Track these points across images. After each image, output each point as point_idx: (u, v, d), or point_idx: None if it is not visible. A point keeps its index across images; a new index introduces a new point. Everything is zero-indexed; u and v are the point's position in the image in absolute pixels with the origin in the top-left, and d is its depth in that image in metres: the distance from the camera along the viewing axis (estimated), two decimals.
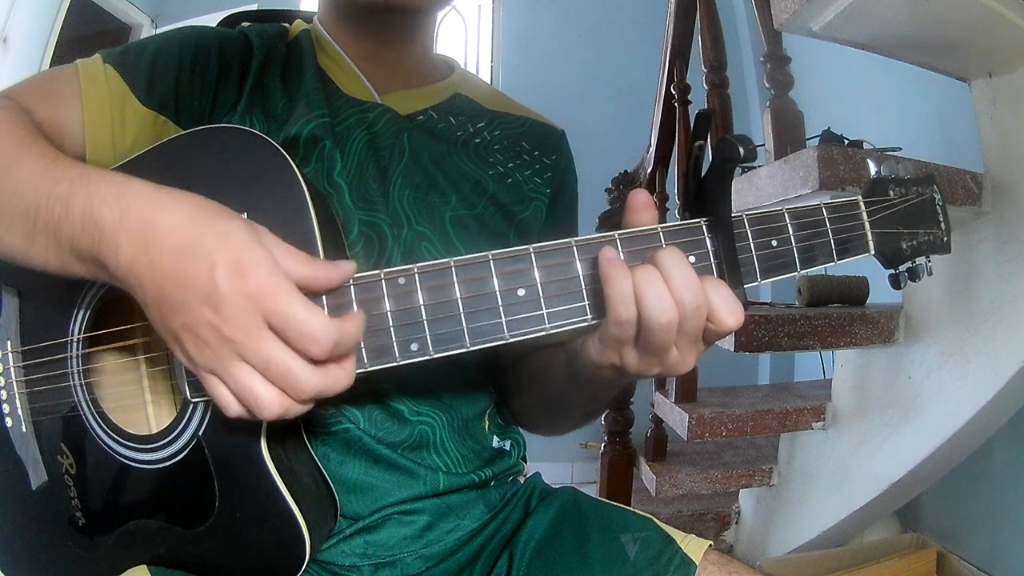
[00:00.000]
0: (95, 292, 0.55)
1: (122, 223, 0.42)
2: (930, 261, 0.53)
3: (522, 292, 0.46)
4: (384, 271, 0.45)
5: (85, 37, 2.63)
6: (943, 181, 1.16)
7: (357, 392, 0.59)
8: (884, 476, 1.41)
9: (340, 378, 0.43)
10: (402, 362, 0.45)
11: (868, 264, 0.53)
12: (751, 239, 0.48)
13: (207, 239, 0.40)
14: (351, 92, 0.68)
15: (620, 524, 0.65)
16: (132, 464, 0.55)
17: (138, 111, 0.59)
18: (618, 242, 0.46)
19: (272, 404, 0.41)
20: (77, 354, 0.56)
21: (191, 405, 0.52)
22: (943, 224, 0.53)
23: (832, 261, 0.49)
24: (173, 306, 0.41)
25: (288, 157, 0.49)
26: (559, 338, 0.49)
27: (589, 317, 0.46)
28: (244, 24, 0.72)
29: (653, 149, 2.07)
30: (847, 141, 1.42)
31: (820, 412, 1.57)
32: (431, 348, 0.45)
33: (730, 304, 0.44)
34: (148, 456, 0.54)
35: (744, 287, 0.47)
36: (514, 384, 0.72)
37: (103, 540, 0.57)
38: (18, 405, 0.59)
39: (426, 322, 0.45)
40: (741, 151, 0.45)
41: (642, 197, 0.48)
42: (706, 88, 1.69)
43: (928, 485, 1.55)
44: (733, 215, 0.47)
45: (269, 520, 0.50)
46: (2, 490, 0.61)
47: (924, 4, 0.99)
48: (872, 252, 0.51)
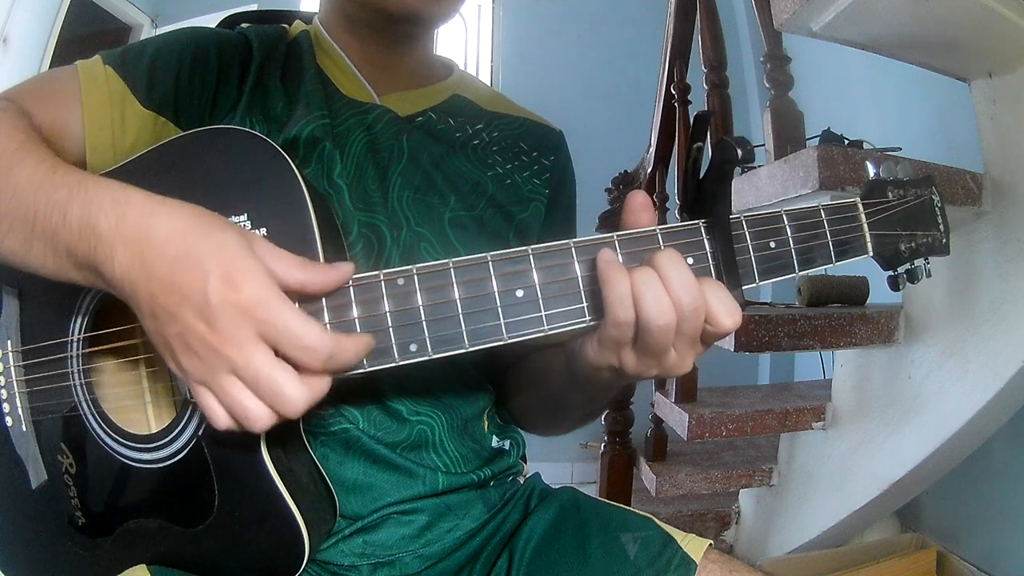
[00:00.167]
0: (96, 292, 0.56)
1: (118, 231, 0.42)
2: (929, 263, 0.53)
3: (521, 293, 0.46)
4: (383, 272, 0.45)
5: (85, 37, 2.63)
6: (943, 181, 1.18)
7: (355, 392, 0.59)
8: (884, 476, 1.41)
9: (324, 388, 0.43)
10: (401, 362, 0.45)
11: (868, 264, 0.53)
12: (749, 240, 0.48)
13: (200, 250, 0.40)
14: (350, 93, 0.68)
15: (620, 524, 0.65)
16: (132, 464, 0.55)
17: (138, 112, 0.59)
18: (616, 244, 0.46)
19: (262, 418, 0.41)
20: (77, 354, 0.56)
21: (191, 405, 0.52)
22: (942, 226, 0.53)
23: (830, 263, 0.49)
24: (166, 316, 0.41)
25: (288, 158, 0.49)
26: (558, 339, 0.49)
27: (588, 319, 0.46)
28: (243, 25, 0.72)
29: (653, 149, 2.07)
30: (847, 141, 1.42)
31: (820, 412, 1.57)
32: (430, 349, 0.45)
33: (728, 306, 0.44)
34: (148, 456, 0.54)
35: (742, 288, 0.47)
36: (513, 384, 0.72)
37: (103, 539, 0.57)
38: (18, 404, 0.59)
39: (425, 323, 0.45)
40: (739, 152, 0.45)
41: (640, 198, 0.48)
42: (706, 88, 1.69)
43: (928, 485, 1.55)
44: (731, 217, 0.47)
45: (268, 520, 0.50)
46: (2, 489, 0.62)
47: (924, 4, 0.99)
48: (871, 254, 0.51)
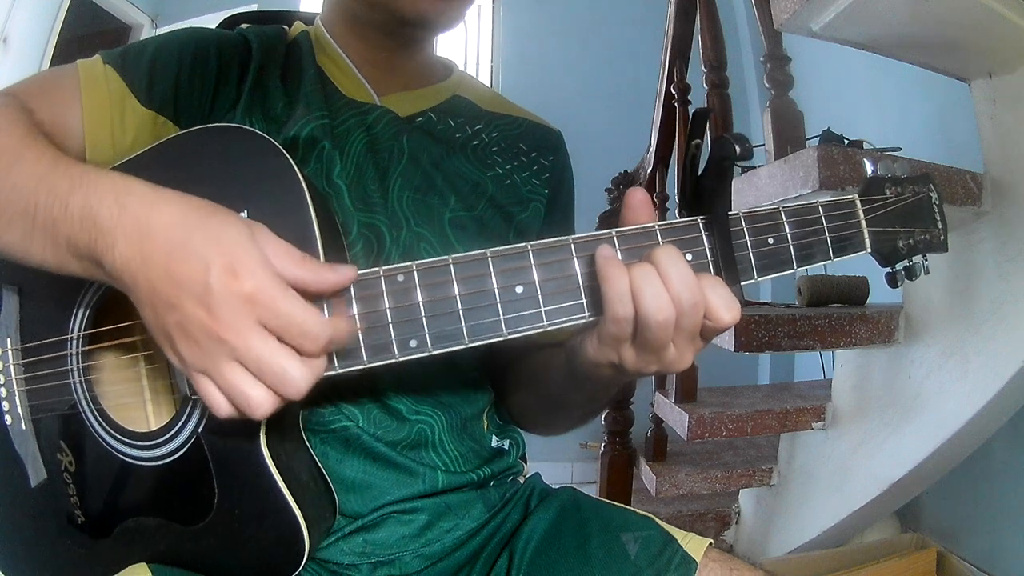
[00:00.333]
0: (95, 290, 0.56)
1: (119, 221, 0.42)
2: (927, 260, 0.53)
3: (520, 289, 0.46)
4: (383, 268, 0.45)
5: (85, 37, 2.63)
6: (943, 181, 1.18)
7: (355, 390, 0.59)
8: (884, 476, 1.41)
9: (323, 366, 0.44)
10: (401, 359, 0.46)
11: (868, 264, 0.53)
12: (748, 237, 0.48)
13: (200, 238, 0.41)
14: (350, 94, 0.68)
15: (620, 523, 0.65)
16: (131, 461, 0.55)
17: (137, 111, 0.59)
18: (615, 240, 0.46)
19: (264, 404, 0.41)
20: (77, 352, 0.56)
21: (190, 402, 0.52)
22: (940, 223, 0.53)
23: (829, 259, 0.50)
24: (166, 305, 0.41)
25: (289, 157, 0.49)
26: (557, 336, 0.49)
27: (587, 315, 0.47)
28: (243, 26, 0.72)
29: (653, 149, 2.07)
30: (847, 141, 1.42)
31: (820, 412, 1.57)
32: (430, 345, 0.46)
33: (727, 301, 0.44)
34: (147, 453, 0.54)
35: (741, 284, 0.47)
36: (512, 383, 0.72)
37: (102, 538, 0.57)
38: (18, 403, 0.59)
39: (425, 319, 0.45)
40: (737, 148, 0.45)
41: (639, 195, 0.48)
42: (706, 88, 1.69)
43: (928, 485, 1.54)
44: (730, 213, 0.47)
45: (268, 517, 0.50)
46: (1, 488, 0.62)
47: (924, 4, 0.99)
48: (868, 250, 0.51)
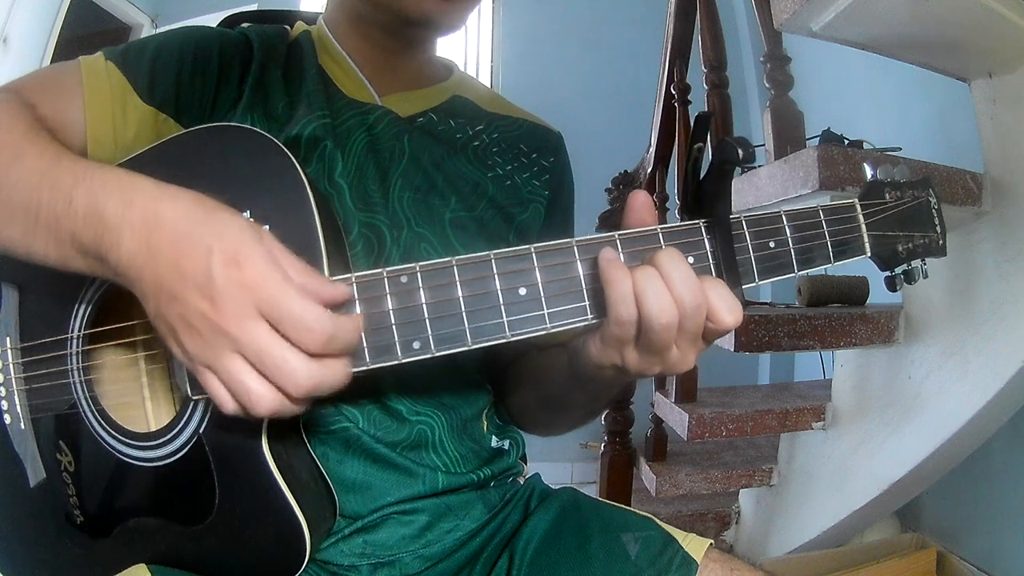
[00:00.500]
0: (95, 289, 0.56)
1: (125, 216, 0.42)
2: (926, 264, 0.53)
3: (523, 291, 0.46)
4: (387, 269, 0.45)
5: (85, 37, 2.63)
6: (943, 181, 1.18)
7: (356, 391, 0.59)
8: (884, 476, 1.41)
9: (336, 370, 0.42)
10: (404, 360, 0.46)
11: (868, 264, 0.53)
12: (749, 240, 0.48)
13: (205, 229, 0.41)
14: (352, 94, 0.68)
15: (621, 524, 0.65)
16: (132, 462, 0.55)
17: (139, 107, 0.59)
18: (618, 243, 0.47)
19: (264, 399, 0.41)
20: (77, 351, 0.56)
21: (191, 403, 0.52)
22: (939, 227, 0.53)
23: (829, 263, 0.50)
24: (170, 297, 0.41)
25: (291, 156, 0.49)
26: (559, 337, 0.49)
27: (589, 316, 0.47)
28: (244, 25, 0.72)
29: (653, 149, 2.07)
30: (847, 141, 1.42)
31: (820, 412, 1.57)
32: (433, 346, 0.45)
33: (729, 303, 0.44)
34: (148, 454, 0.54)
35: (742, 287, 0.47)
36: (513, 382, 0.72)
37: (102, 538, 0.57)
38: (17, 402, 0.59)
39: (428, 320, 0.45)
40: (740, 153, 0.45)
41: (641, 198, 0.48)
42: (706, 88, 1.69)
43: (928, 485, 1.55)
44: (731, 216, 0.47)
45: (269, 517, 0.50)
46: (1, 488, 0.61)
47: (924, 4, 0.99)
48: (868, 254, 0.51)
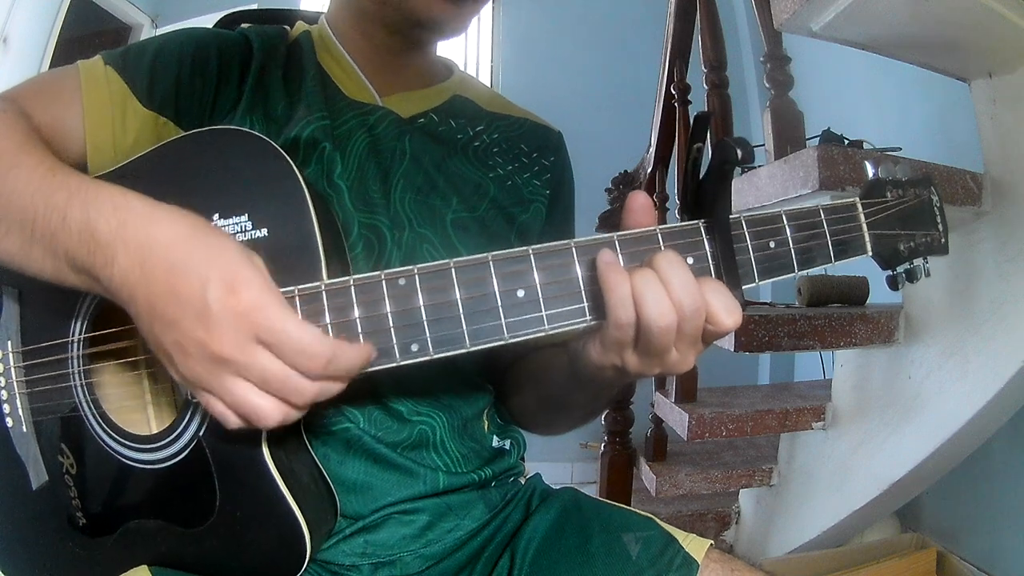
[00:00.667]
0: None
1: (118, 236, 0.42)
2: (928, 262, 0.53)
3: (522, 293, 0.46)
4: (384, 272, 0.45)
5: (85, 37, 2.63)
6: (943, 181, 1.18)
7: (356, 392, 0.59)
8: (884, 476, 1.41)
9: (334, 386, 0.43)
10: (402, 362, 0.46)
11: (868, 264, 0.53)
12: (749, 241, 0.48)
13: (200, 256, 0.41)
14: (352, 94, 0.68)
15: (622, 524, 0.65)
16: (133, 464, 0.55)
17: (139, 112, 0.59)
18: (617, 244, 0.46)
19: (273, 414, 0.41)
20: (78, 354, 0.56)
21: (192, 405, 0.52)
22: (941, 226, 0.53)
23: (830, 262, 0.50)
24: (164, 323, 0.41)
25: (289, 159, 0.49)
26: (558, 339, 0.49)
27: (588, 318, 0.47)
28: (244, 25, 0.72)
29: (653, 149, 2.07)
30: (847, 141, 1.42)
31: (820, 412, 1.57)
32: (431, 349, 0.45)
33: (728, 305, 0.44)
34: (149, 456, 0.54)
35: (742, 288, 0.47)
36: (513, 383, 0.72)
37: (103, 540, 0.57)
38: (19, 405, 0.59)
39: (426, 323, 0.45)
40: (739, 153, 0.45)
41: (641, 199, 0.48)
42: (706, 88, 1.69)
43: (928, 485, 1.55)
44: (731, 217, 0.47)
45: (270, 519, 0.51)
46: (2, 490, 0.62)
47: (924, 4, 0.99)
48: (869, 253, 0.51)
